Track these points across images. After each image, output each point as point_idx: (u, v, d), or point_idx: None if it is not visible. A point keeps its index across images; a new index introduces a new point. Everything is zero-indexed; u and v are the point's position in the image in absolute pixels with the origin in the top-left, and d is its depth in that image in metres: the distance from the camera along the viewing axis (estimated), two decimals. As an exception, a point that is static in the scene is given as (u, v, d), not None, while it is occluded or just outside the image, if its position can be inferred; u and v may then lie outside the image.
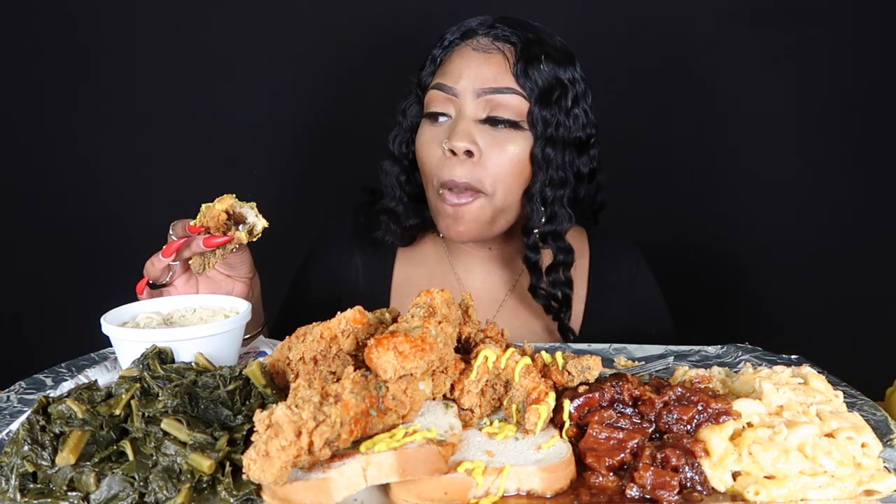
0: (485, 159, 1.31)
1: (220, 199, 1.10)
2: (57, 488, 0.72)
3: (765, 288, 2.15)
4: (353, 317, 0.86)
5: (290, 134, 2.14)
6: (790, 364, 1.10)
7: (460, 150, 1.29)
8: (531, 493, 0.73)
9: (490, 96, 1.31)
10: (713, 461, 0.75)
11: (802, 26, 2.02)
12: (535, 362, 0.88)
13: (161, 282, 1.16)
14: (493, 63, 1.33)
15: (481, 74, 1.32)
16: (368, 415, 0.73)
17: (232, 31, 2.06)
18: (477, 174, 1.31)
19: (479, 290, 1.50)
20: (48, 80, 2.04)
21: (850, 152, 2.08)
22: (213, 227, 1.09)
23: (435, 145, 1.34)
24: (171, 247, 1.10)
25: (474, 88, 1.31)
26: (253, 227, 1.11)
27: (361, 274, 1.54)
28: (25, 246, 2.11)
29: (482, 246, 1.50)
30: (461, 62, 1.35)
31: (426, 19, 1.52)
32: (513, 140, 1.32)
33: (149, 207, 2.13)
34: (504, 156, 1.31)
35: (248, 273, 1.24)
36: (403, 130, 1.44)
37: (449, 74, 1.35)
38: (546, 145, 1.33)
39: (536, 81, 1.31)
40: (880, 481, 0.75)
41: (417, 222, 1.47)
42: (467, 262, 1.52)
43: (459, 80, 1.33)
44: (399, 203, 1.45)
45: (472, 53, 1.35)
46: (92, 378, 1.03)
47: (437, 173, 1.34)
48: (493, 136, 1.32)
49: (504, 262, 1.52)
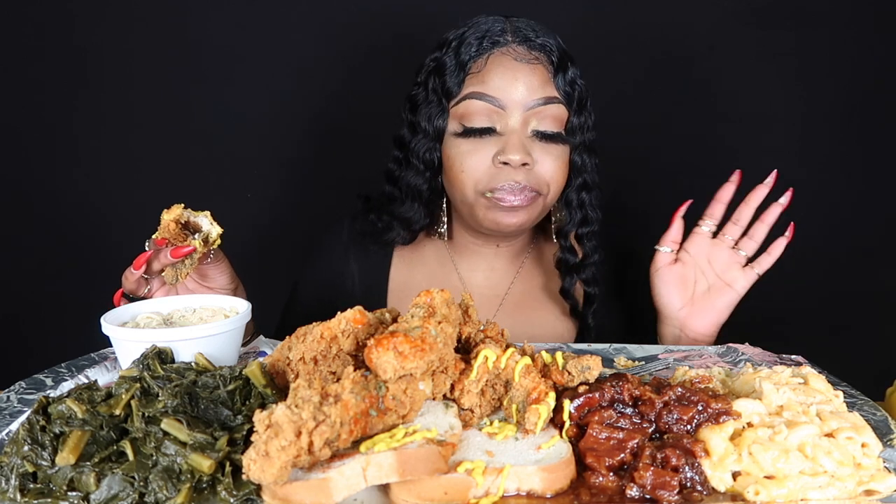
0: (538, 168, 1.32)
1: (167, 210, 1.13)
2: (57, 488, 0.72)
3: (765, 288, 2.15)
4: (353, 317, 0.86)
5: (291, 134, 2.14)
6: (790, 364, 1.10)
7: (517, 163, 1.28)
8: (531, 493, 0.73)
9: (540, 108, 1.31)
10: (713, 461, 0.75)
11: (802, 26, 2.03)
12: (535, 362, 0.88)
13: (139, 294, 1.18)
14: (538, 73, 1.32)
15: (529, 85, 1.31)
16: (368, 415, 0.73)
17: (231, 32, 2.06)
18: (534, 179, 1.32)
19: (482, 288, 1.51)
20: (47, 80, 2.04)
21: (850, 152, 2.09)
22: (168, 237, 1.12)
23: (479, 157, 1.32)
24: (140, 259, 1.14)
25: (523, 101, 1.30)
26: (208, 234, 1.13)
27: (357, 282, 1.54)
28: (26, 246, 2.11)
29: (491, 243, 1.50)
30: (503, 72, 1.31)
31: (426, 19, 1.52)
32: (557, 149, 1.35)
33: (149, 208, 2.12)
34: (554, 164, 1.34)
35: (229, 283, 1.26)
36: (429, 139, 1.38)
37: (489, 84, 1.31)
38: (582, 152, 1.38)
39: (573, 88, 1.34)
40: (880, 481, 0.75)
41: (426, 223, 1.47)
42: (472, 260, 1.52)
43: (506, 92, 1.30)
44: (416, 212, 1.44)
45: (514, 63, 1.32)
46: (92, 378, 1.03)
47: (485, 183, 1.32)
48: (541, 147, 1.33)
49: (508, 258, 1.53)
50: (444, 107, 1.36)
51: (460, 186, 1.35)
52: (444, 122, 1.36)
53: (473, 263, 1.53)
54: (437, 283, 1.49)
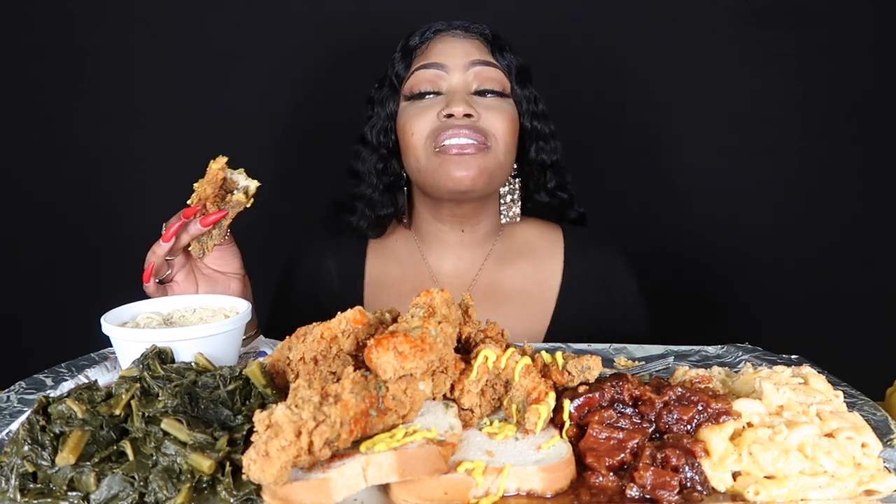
0: (483, 120, 1.39)
1: (214, 161, 1.13)
2: (57, 488, 0.72)
3: (765, 288, 2.15)
4: (353, 317, 0.86)
5: (284, 132, 2.14)
6: (790, 364, 1.10)
7: (460, 113, 1.36)
8: (531, 493, 0.73)
9: (479, 68, 1.42)
10: (713, 461, 0.75)
11: (802, 26, 2.03)
12: (535, 362, 0.88)
13: (161, 275, 1.18)
14: (474, 44, 1.45)
15: (467, 51, 1.43)
16: (368, 415, 0.73)
17: (230, 32, 2.06)
18: (480, 130, 1.37)
19: (450, 277, 1.54)
20: (47, 80, 2.04)
21: (850, 152, 2.09)
22: (210, 191, 1.12)
23: (427, 116, 1.40)
24: (169, 230, 1.13)
25: (463, 63, 1.42)
26: (247, 188, 1.14)
27: (336, 275, 1.58)
28: (26, 246, 2.11)
29: (456, 228, 1.53)
30: (443, 45, 1.44)
31: (428, 19, 1.53)
32: (503, 106, 1.43)
33: (149, 207, 2.12)
34: (498, 115, 1.41)
35: (240, 269, 1.27)
36: (381, 119, 1.49)
37: (433, 54, 1.44)
38: (532, 118, 1.47)
39: (511, 63, 1.46)
40: (880, 481, 0.75)
41: (391, 211, 1.53)
42: (439, 249, 1.56)
43: (447, 57, 1.42)
44: (375, 190, 1.52)
45: (452, 39, 1.45)
46: (92, 378, 1.03)
47: (434, 138, 1.38)
48: (485, 103, 1.41)
49: (474, 245, 1.56)
50: (395, 89, 1.48)
51: (413, 151, 1.42)
52: (396, 105, 1.48)
53: (441, 252, 1.55)
54: (409, 275, 1.55)
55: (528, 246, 1.57)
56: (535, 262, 1.56)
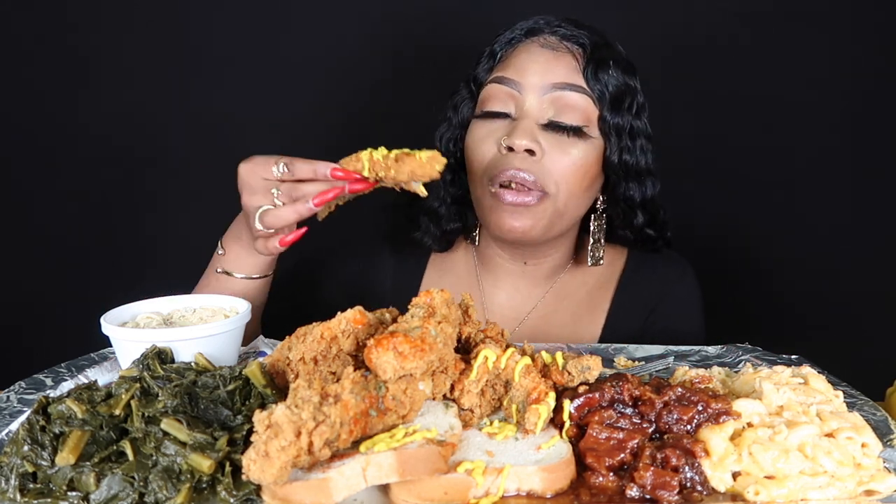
0: (547, 159, 1.23)
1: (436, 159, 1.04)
2: (57, 488, 0.72)
3: (765, 288, 2.15)
4: (353, 317, 0.86)
5: (311, 133, 2.12)
6: (790, 364, 1.10)
7: (520, 147, 1.21)
8: (531, 493, 0.73)
9: (558, 93, 1.23)
10: (713, 461, 0.75)
11: (802, 26, 2.02)
12: (535, 362, 0.88)
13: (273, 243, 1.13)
14: (563, 61, 1.25)
15: (550, 70, 1.24)
16: (368, 415, 0.73)
17: (231, 32, 2.05)
18: (540, 172, 1.22)
19: (503, 308, 1.44)
20: (47, 80, 2.04)
21: (850, 153, 2.08)
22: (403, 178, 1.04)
23: (489, 143, 1.26)
24: (327, 195, 1.06)
25: (541, 84, 1.24)
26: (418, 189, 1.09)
27: (391, 275, 1.48)
28: (26, 247, 2.11)
29: (518, 259, 1.41)
30: (526, 57, 1.27)
31: (438, 19, 1.51)
32: (576, 145, 1.24)
33: (148, 208, 2.13)
34: (567, 158, 1.23)
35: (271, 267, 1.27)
36: (453, 127, 1.36)
37: (512, 68, 1.27)
38: (623, 153, 1.27)
39: (607, 86, 1.25)
40: (880, 481, 0.75)
41: (458, 226, 1.40)
42: (496, 275, 1.45)
43: (525, 75, 1.25)
44: (442, 203, 1.38)
45: (539, 50, 1.27)
46: (92, 378, 1.03)
47: (490, 171, 1.25)
48: (556, 139, 1.24)
49: (535, 280, 1.44)
50: (473, 94, 1.33)
51: (472, 177, 1.30)
52: (470, 111, 1.33)
53: (498, 280, 1.45)
54: None
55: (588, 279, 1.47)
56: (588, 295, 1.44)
